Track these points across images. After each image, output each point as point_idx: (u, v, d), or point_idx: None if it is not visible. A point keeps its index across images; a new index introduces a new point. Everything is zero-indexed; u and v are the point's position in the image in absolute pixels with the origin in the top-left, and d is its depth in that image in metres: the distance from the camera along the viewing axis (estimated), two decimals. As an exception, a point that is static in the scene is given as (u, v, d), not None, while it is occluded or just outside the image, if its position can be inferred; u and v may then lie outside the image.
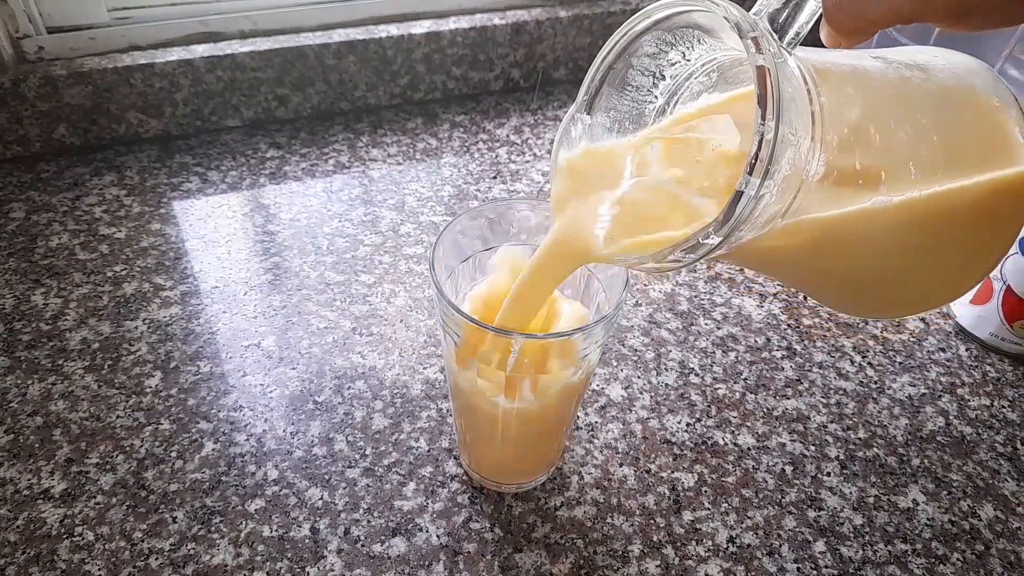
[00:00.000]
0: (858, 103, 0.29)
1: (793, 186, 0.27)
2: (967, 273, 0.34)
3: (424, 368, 0.53)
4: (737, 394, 0.52)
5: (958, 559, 0.44)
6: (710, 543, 0.44)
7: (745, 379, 0.53)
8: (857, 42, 0.30)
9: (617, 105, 0.35)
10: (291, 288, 0.58)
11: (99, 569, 0.41)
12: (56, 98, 0.65)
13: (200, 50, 0.67)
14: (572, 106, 0.34)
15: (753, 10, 0.27)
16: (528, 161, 0.71)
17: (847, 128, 0.28)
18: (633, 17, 0.32)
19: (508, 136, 0.75)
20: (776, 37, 0.27)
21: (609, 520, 0.45)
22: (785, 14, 0.28)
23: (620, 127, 0.35)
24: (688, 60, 0.35)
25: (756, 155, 0.24)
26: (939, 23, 0.28)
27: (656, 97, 0.36)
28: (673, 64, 0.35)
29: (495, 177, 0.69)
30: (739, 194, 0.24)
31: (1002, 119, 0.31)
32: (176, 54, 0.67)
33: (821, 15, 0.29)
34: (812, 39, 0.28)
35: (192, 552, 0.42)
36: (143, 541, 0.42)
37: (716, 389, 0.53)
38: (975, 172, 0.31)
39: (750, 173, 0.24)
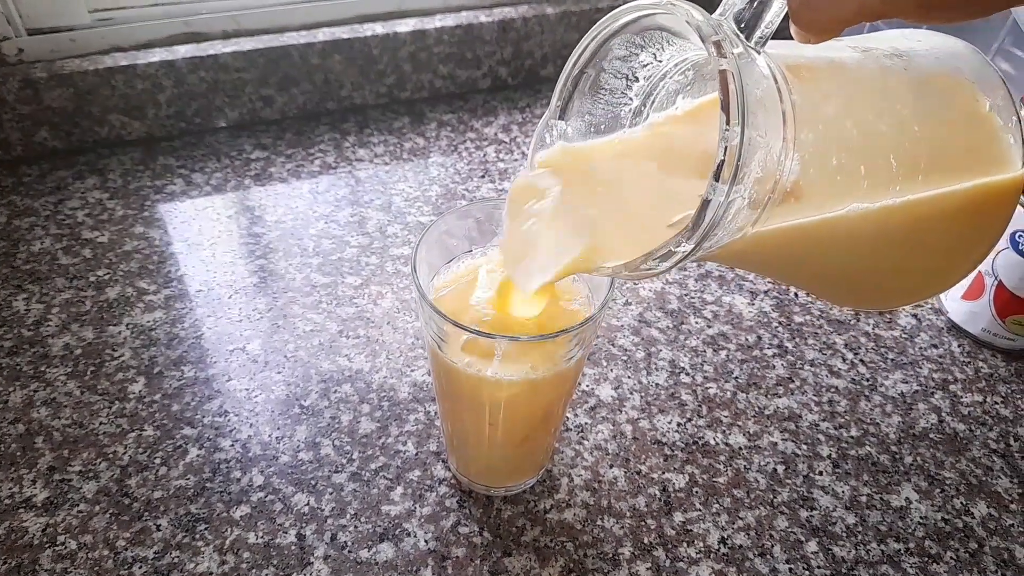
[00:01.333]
0: (834, 98, 0.28)
1: (767, 187, 0.27)
2: (955, 267, 0.34)
3: (412, 371, 0.52)
4: (728, 393, 0.52)
5: (951, 558, 0.44)
6: (701, 544, 0.43)
7: (736, 378, 0.53)
8: (826, 39, 0.29)
9: (591, 109, 0.35)
10: (277, 291, 0.57)
11: (81, 579, 0.41)
12: (37, 101, 0.64)
13: (183, 51, 0.66)
14: (546, 112, 0.34)
15: (718, 11, 0.27)
16: (516, 160, 0.71)
17: (823, 125, 0.28)
18: (600, 22, 0.31)
19: (496, 135, 0.74)
20: (742, 37, 0.26)
21: (599, 522, 0.44)
22: (751, 13, 0.27)
23: (596, 131, 0.35)
24: (660, 61, 0.34)
25: (722, 161, 0.23)
26: (907, 18, 0.28)
27: (631, 99, 0.36)
28: (645, 65, 0.34)
29: (483, 176, 0.69)
30: (707, 202, 0.24)
31: (985, 106, 0.31)
32: (158, 55, 0.66)
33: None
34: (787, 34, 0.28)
35: (176, 560, 0.41)
36: (127, 549, 0.42)
37: (707, 388, 0.52)
38: (958, 166, 0.30)
39: (716, 179, 0.23)
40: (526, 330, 0.36)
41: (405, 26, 0.72)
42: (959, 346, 0.56)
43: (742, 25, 0.27)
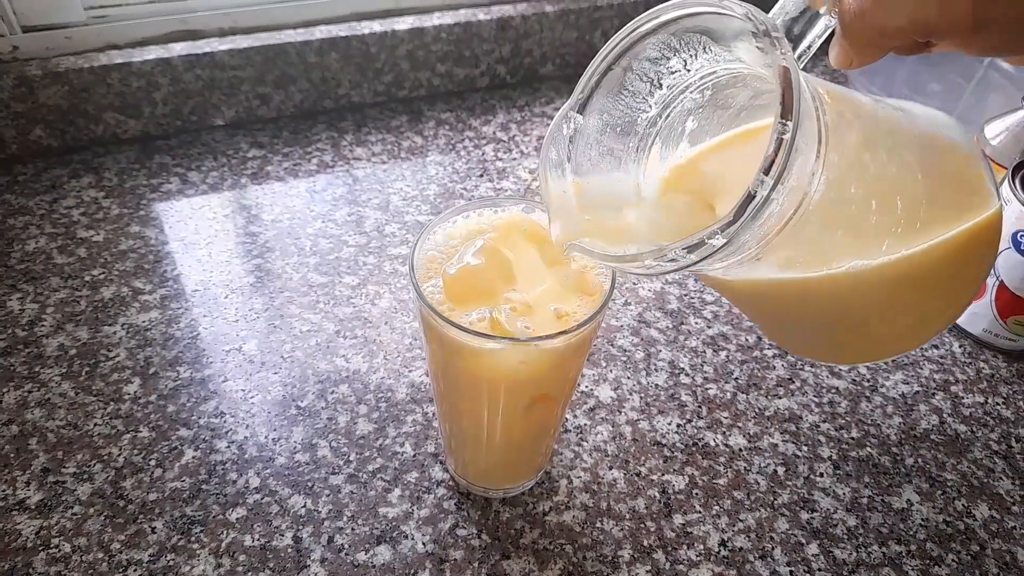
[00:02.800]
0: (856, 129, 0.29)
1: (795, 199, 0.27)
2: (952, 306, 0.36)
3: (409, 371, 0.52)
4: (728, 394, 0.52)
5: (953, 560, 0.43)
6: (701, 547, 0.43)
7: (736, 379, 0.53)
8: (869, 60, 0.29)
9: (611, 109, 0.35)
10: (273, 290, 0.57)
11: (75, 582, 0.40)
12: (32, 99, 0.63)
13: (178, 48, 0.66)
14: (566, 103, 0.34)
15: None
16: (515, 159, 0.70)
17: (846, 151, 0.28)
18: (639, 17, 0.31)
19: (495, 133, 0.73)
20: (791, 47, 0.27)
21: (599, 525, 0.44)
22: (800, 27, 0.28)
23: (610, 132, 0.35)
24: (688, 70, 0.34)
25: (774, 155, 0.23)
26: (956, 38, 0.28)
27: (650, 107, 0.36)
28: (673, 72, 0.34)
29: (482, 175, 0.68)
30: (751, 195, 0.24)
31: (974, 166, 0.32)
32: (154, 53, 0.65)
33: (832, 32, 0.29)
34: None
35: (172, 563, 0.41)
36: (121, 552, 0.41)
37: (707, 389, 0.52)
38: (948, 215, 0.31)
39: (765, 173, 0.24)
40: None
41: (403, 24, 0.72)
42: (960, 347, 0.56)
43: (788, 37, 0.27)
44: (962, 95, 0.73)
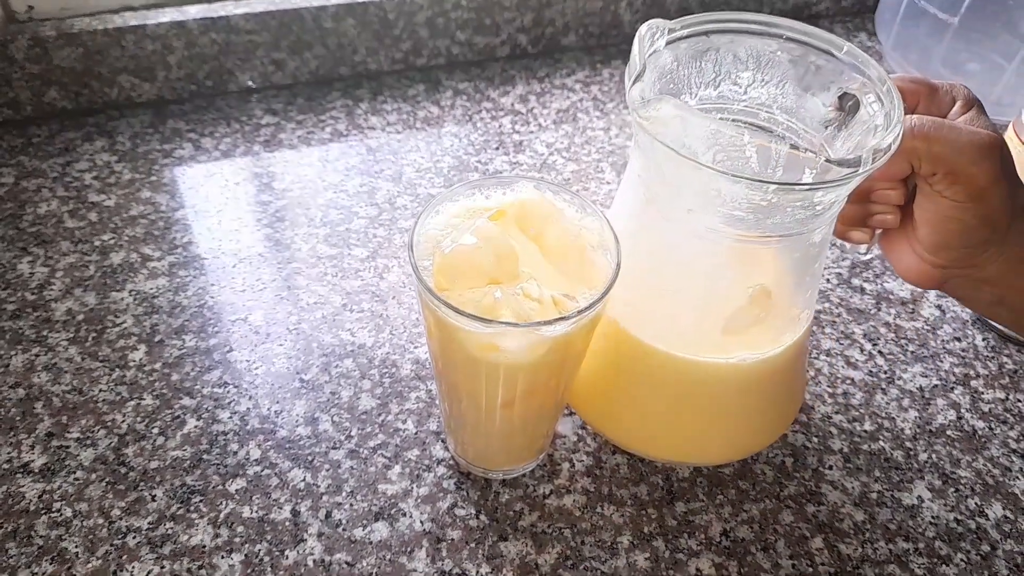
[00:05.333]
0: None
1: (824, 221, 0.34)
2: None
3: (415, 347, 0.51)
4: (739, 381, 0.50)
5: (962, 559, 0.42)
6: (703, 536, 0.42)
7: (748, 365, 0.51)
8: (891, 173, 0.34)
9: (681, 63, 0.35)
10: (282, 261, 0.56)
11: (76, 546, 0.40)
12: (46, 60, 0.63)
13: (193, 11, 0.65)
14: (666, 20, 0.34)
15: None
16: (532, 132, 0.69)
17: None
18: (769, 16, 0.34)
19: (513, 105, 0.72)
20: None
21: (599, 510, 0.43)
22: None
23: (664, 84, 0.35)
24: (745, 94, 0.36)
25: (898, 134, 0.31)
26: (968, 194, 0.32)
27: (692, 95, 0.36)
28: (735, 84, 0.36)
29: (497, 148, 0.67)
30: (887, 147, 0.30)
31: None
32: (169, 15, 0.64)
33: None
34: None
35: (170, 531, 0.41)
36: (121, 519, 0.42)
37: (717, 375, 0.51)
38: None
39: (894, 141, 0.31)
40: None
41: (422, -10, 0.70)
42: (983, 340, 0.54)
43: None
44: (1002, 76, 0.70)
